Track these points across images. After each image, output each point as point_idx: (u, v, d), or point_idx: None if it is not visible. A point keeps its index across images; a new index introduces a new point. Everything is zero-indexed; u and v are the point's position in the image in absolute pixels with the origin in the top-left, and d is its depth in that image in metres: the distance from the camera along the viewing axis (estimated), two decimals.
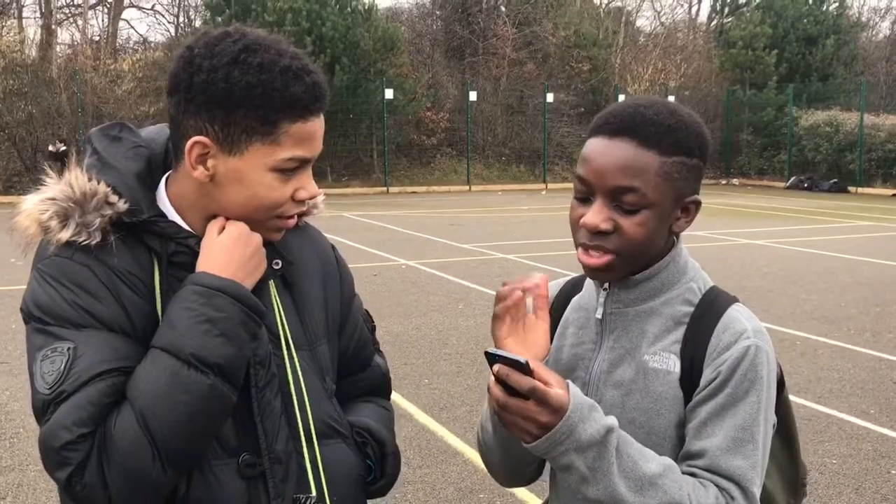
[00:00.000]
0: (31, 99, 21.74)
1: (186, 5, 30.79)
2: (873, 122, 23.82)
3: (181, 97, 1.21)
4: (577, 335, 1.42)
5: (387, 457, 1.44)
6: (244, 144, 1.20)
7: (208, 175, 1.22)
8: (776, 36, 27.68)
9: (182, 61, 1.21)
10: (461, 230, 14.21)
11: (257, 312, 1.23)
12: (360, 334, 1.52)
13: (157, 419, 1.14)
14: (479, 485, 4.05)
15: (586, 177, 1.28)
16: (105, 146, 1.29)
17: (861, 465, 4.34)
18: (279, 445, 1.27)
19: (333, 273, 1.47)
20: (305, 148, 1.23)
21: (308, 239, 1.45)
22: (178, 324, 1.18)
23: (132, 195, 1.24)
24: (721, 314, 1.31)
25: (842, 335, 6.98)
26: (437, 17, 30.05)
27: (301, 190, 1.26)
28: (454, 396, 5.41)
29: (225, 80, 1.17)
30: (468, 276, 9.66)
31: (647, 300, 1.34)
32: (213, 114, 1.19)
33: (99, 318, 1.19)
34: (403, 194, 22.61)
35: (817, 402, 5.29)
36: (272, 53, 1.20)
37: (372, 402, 1.53)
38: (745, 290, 8.45)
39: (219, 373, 1.17)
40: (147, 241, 1.25)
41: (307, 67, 1.23)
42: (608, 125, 1.29)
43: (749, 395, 1.25)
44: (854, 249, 11.84)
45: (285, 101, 1.19)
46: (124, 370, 1.18)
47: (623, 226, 1.26)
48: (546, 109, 25.59)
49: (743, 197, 21.57)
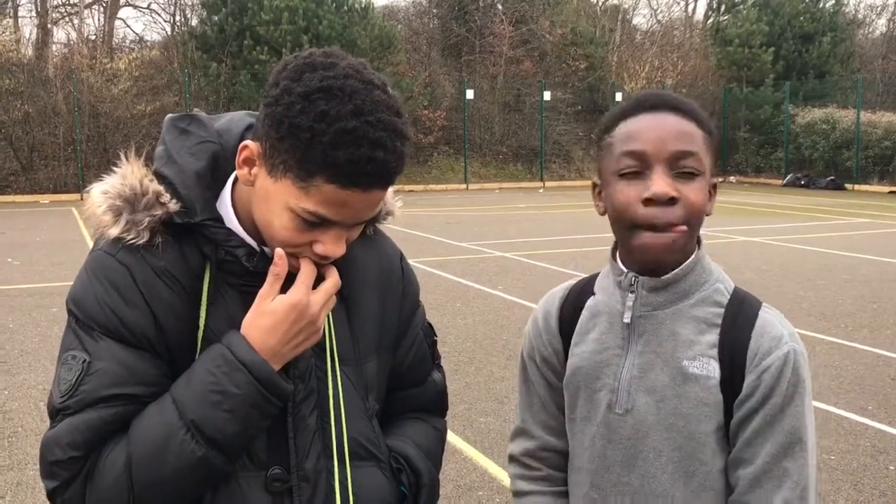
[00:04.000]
0: (28, 98, 21.70)
1: (182, 4, 30.72)
2: (870, 119, 23.86)
3: (264, 98, 1.17)
4: (599, 341, 1.36)
5: (422, 488, 1.35)
6: (280, 173, 1.14)
7: (250, 180, 1.19)
8: (773, 33, 27.69)
9: (280, 66, 1.17)
10: (459, 228, 14.21)
11: (279, 396, 1.17)
12: (419, 349, 1.44)
13: (141, 470, 1.12)
14: (478, 482, 4.05)
15: (640, 149, 1.25)
16: (173, 138, 1.25)
17: (859, 461, 4.35)
18: (309, 464, 1.22)
19: (396, 285, 1.39)
20: (333, 211, 1.13)
21: (373, 248, 1.38)
22: (194, 383, 1.15)
23: (188, 195, 1.20)
24: (754, 317, 1.31)
25: (839, 332, 6.99)
26: (434, 16, 30.03)
27: (319, 244, 1.17)
28: (453, 394, 5.37)
29: (286, 109, 1.10)
30: (466, 275, 9.65)
31: (676, 302, 1.31)
32: (268, 131, 1.14)
33: (125, 324, 1.17)
34: (400, 193, 22.40)
35: (815, 399, 5.28)
36: (347, 108, 1.09)
37: (423, 420, 1.45)
38: (743, 286, 8.42)
39: (215, 447, 1.14)
40: (200, 245, 1.21)
41: (378, 140, 1.09)
42: (646, 103, 1.30)
43: (794, 399, 1.27)
44: (851, 246, 11.85)
45: (324, 160, 1.09)
46: (134, 398, 1.15)
47: (686, 193, 1.24)
48: (543, 107, 25.59)
49: (740, 194, 21.59)
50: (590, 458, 1.37)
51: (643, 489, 1.32)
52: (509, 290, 8.72)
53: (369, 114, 1.10)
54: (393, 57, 24.33)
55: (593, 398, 1.36)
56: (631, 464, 1.33)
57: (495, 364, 6.10)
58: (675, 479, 1.30)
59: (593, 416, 1.36)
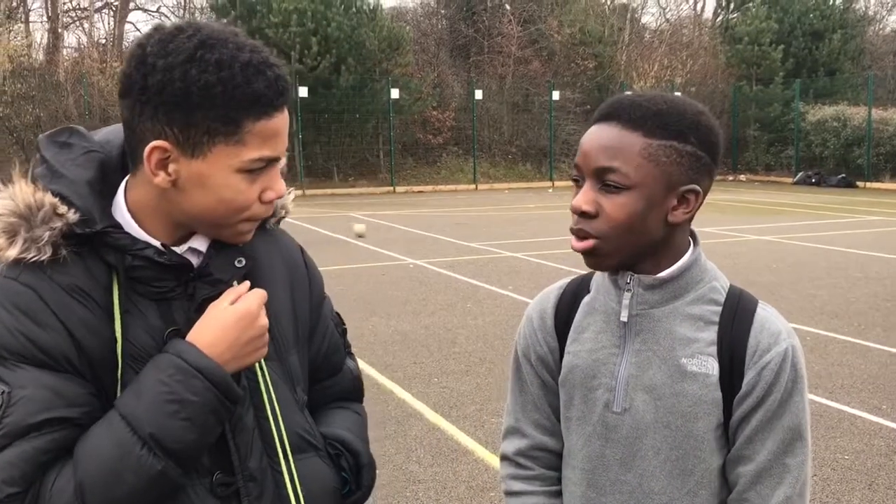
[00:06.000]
0: (39, 102, 21.84)
1: (192, 7, 30.86)
2: (881, 116, 23.68)
3: (135, 100, 1.12)
4: (596, 339, 1.37)
5: (362, 468, 1.37)
6: (207, 147, 1.12)
7: (171, 181, 1.14)
8: (782, 31, 27.55)
9: (134, 61, 1.13)
10: (468, 229, 14.20)
11: (233, 400, 1.16)
12: (331, 339, 1.44)
13: (95, 494, 1.07)
14: (491, 483, 4.05)
15: (577, 161, 1.32)
16: (54, 153, 1.19)
17: (874, 461, 4.32)
18: (253, 462, 1.21)
19: (302, 278, 1.39)
20: (271, 146, 1.16)
21: (275, 244, 1.37)
22: (146, 395, 1.10)
23: (84, 204, 1.14)
24: (752, 313, 1.31)
25: (852, 330, 6.95)
26: (442, 17, 30.03)
27: (268, 191, 1.19)
28: (464, 395, 5.40)
29: (182, 79, 1.09)
30: (476, 275, 9.65)
31: (672, 300, 1.32)
32: (171, 116, 1.11)
33: (42, 349, 1.10)
34: (410, 194, 22.60)
35: (829, 398, 5.27)
36: (231, 48, 1.11)
37: (345, 407, 1.45)
38: (755, 285, 8.41)
39: (173, 458, 1.10)
40: (103, 255, 1.16)
41: (268, 61, 1.15)
42: (600, 112, 1.32)
43: (794, 395, 1.28)
44: (863, 245, 11.78)
45: (248, 98, 1.11)
46: (66, 422, 1.10)
47: (605, 207, 1.26)
48: (552, 107, 25.54)
49: (750, 193, 21.50)
50: (586, 458, 1.37)
51: (641, 488, 1.32)
52: (520, 290, 8.71)
53: (246, 45, 1.14)
54: (401, 58, 24.33)
55: (590, 397, 1.36)
56: (629, 463, 1.33)
57: (507, 365, 6.08)
58: (673, 478, 1.31)
59: (590, 415, 1.36)
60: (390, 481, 4.05)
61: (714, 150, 1.30)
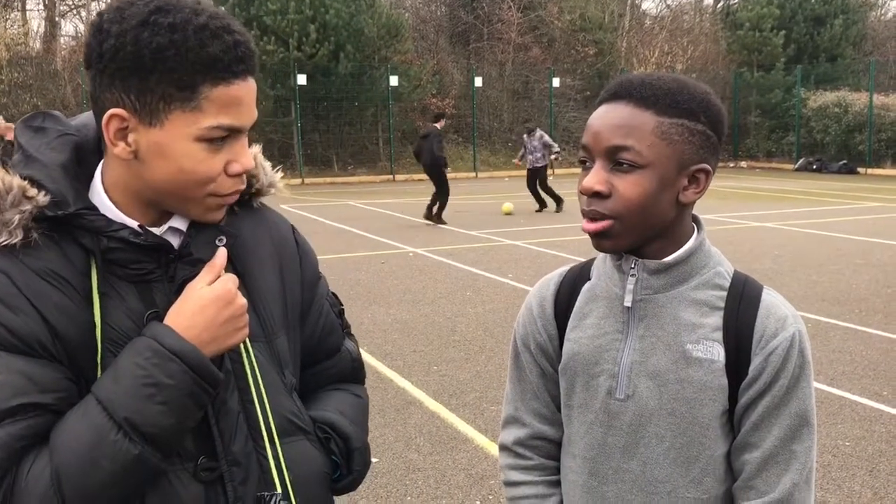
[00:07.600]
0: (36, 91, 21.80)
1: None
2: (883, 102, 23.63)
3: (95, 69, 1.10)
4: (598, 326, 1.35)
5: (353, 452, 1.33)
6: (163, 113, 1.10)
7: (131, 151, 1.12)
8: (783, 17, 27.44)
9: (93, 29, 1.11)
10: (469, 217, 14.19)
11: (212, 384, 1.13)
12: (327, 320, 1.40)
13: (72, 480, 1.05)
14: (490, 471, 4.04)
15: (585, 142, 1.28)
16: (29, 139, 1.18)
17: (875, 447, 4.31)
18: (237, 446, 1.19)
19: (292, 256, 1.36)
20: (232, 115, 1.12)
21: (262, 222, 1.33)
22: (123, 379, 1.08)
23: (57, 187, 1.13)
24: (758, 299, 1.29)
25: (853, 317, 6.94)
26: (442, 3, 29.92)
27: (234, 163, 1.15)
28: (463, 383, 5.40)
29: (134, 43, 1.07)
30: (476, 263, 9.63)
31: (677, 285, 1.30)
32: (126, 82, 1.09)
33: (15, 334, 1.08)
34: (410, 182, 22.56)
35: (830, 385, 5.26)
36: (186, 12, 1.09)
37: (342, 389, 1.42)
38: (756, 272, 8.39)
39: (150, 442, 1.08)
40: (79, 238, 1.14)
41: (228, 26, 1.11)
42: (608, 91, 1.29)
43: (801, 381, 1.27)
44: (864, 231, 11.76)
45: (202, 61, 1.08)
46: (42, 407, 1.08)
47: (618, 186, 1.24)
48: (552, 94, 25.47)
49: (752, 179, 21.46)
50: (588, 446, 1.35)
51: (644, 476, 1.31)
52: (520, 278, 8.70)
53: (206, 10, 1.11)
54: (400, 45, 24.25)
55: (591, 384, 1.34)
56: (632, 450, 1.31)
57: (507, 353, 6.06)
58: (677, 466, 1.29)
59: (592, 403, 1.34)
60: (389, 469, 4.04)
61: (721, 129, 1.29)
